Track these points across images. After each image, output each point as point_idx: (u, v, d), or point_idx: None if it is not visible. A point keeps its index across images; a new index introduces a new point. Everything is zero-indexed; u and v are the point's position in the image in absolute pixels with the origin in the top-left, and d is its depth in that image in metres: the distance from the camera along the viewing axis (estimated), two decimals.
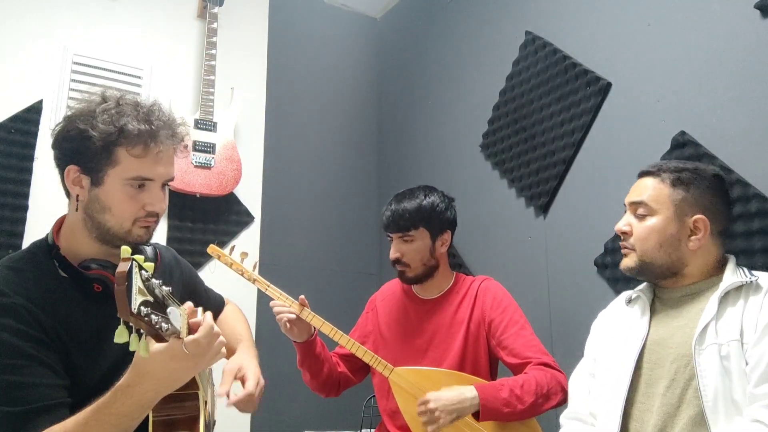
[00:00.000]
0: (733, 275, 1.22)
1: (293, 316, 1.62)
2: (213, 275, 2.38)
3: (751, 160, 1.50)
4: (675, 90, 1.72)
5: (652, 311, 1.33)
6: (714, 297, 1.19)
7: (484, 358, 1.73)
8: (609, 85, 1.92)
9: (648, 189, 1.32)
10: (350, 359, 1.85)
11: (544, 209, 2.13)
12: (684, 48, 1.70)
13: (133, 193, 1.11)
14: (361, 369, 1.88)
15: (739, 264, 1.28)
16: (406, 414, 1.63)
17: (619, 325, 1.38)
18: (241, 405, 1.22)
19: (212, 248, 1.64)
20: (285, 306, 1.63)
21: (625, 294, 1.43)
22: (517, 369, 1.63)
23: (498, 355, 1.70)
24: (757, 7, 1.52)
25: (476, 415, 1.50)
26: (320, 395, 1.83)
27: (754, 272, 1.22)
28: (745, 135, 1.52)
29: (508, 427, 1.59)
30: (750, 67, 1.53)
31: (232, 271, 1.66)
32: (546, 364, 1.60)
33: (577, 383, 1.43)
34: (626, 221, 1.35)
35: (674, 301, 1.30)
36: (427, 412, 1.47)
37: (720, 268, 1.27)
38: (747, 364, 1.10)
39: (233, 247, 1.67)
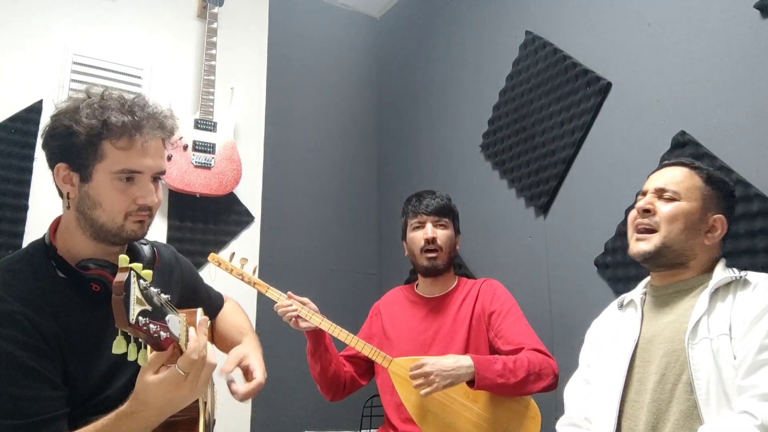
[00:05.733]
0: (723, 272, 1.25)
1: (296, 313, 1.66)
2: (212, 276, 2.38)
3: (751, 160, 1.50)
4: (675, 90, 1.71)
5: (643, 311, 1.36)
6: (705, 292, 1.22)
7: (485, 352, 1.77)
8: (609, 85, 1.92)
9: (678, 177, 1.32)
10: (354, 360, 1.88)
11: (544, 209, 2.13)
12: (684, 48, 1.70)
13: (123, 186, 1.11)
14: (367, 371, 1.91)
15: (736, 265, 1.30)
16: (407, 402, 1.67)
17: (612, 330, 1.41)
18: (248, 395, 1.23)
19: (212, 256, 1.68)
20: (289, 306, 1.66)
21: (618, 299, 1.46)
22: (510, 355, 1.67)
23: (495, 346, 1.75)
24: (757, 7, 1.52)
25: (470, 384, 1.55)
26: (326, 397, 1.84)
27: (743, 270, 1.25)
28: (745, 135, 1.52)
29: (503, 403, 1.64)
30: (750, 67, 1.53)
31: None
32: (538, 350, 1.66)
33: (572, 391, 1.45)
34: (649, 201, 1.32)
35: (664, 298, 1.33)
36: (422, 375, 1.51)
37: (712, 267, 1.30)
38: (735, 357, 1.12)
39: (233, 254, 1.70)
